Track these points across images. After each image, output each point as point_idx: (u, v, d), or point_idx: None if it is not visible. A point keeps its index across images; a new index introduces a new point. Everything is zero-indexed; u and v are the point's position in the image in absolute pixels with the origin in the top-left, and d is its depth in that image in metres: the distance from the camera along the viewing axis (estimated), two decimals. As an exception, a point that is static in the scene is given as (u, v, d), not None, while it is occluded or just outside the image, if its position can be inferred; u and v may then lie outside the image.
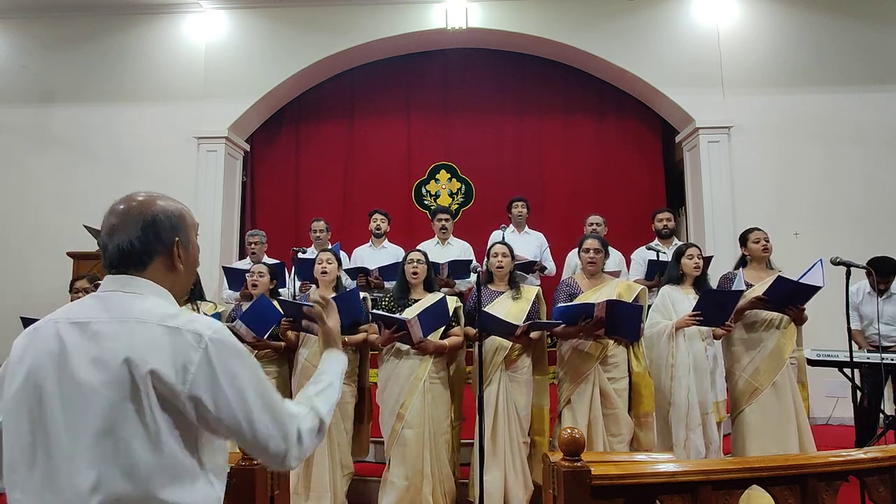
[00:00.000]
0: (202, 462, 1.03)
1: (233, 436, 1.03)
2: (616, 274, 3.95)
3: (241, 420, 1.01)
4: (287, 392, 3.20)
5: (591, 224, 4.69)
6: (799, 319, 3.26)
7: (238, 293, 4.27)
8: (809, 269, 3.19)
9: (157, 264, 1.09)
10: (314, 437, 1.12)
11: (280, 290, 3.95)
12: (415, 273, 3.16)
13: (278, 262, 4.50)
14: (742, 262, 3.53)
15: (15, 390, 1.00)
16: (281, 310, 3.24)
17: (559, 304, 3.16)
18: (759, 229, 3.46)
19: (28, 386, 0.99)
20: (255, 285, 3.44)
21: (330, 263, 3.34)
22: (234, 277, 4.26)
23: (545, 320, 3.19)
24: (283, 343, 3.29)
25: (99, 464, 0.94)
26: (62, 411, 0.97)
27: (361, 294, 3.33)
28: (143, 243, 1.06)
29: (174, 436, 0.98)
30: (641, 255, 4.53)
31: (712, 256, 4.43)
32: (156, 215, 1.08)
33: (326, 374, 1.26)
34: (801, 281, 3.13)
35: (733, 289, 3.19)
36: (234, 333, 3.08)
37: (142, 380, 0.95)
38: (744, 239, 3.51)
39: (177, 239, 1.10)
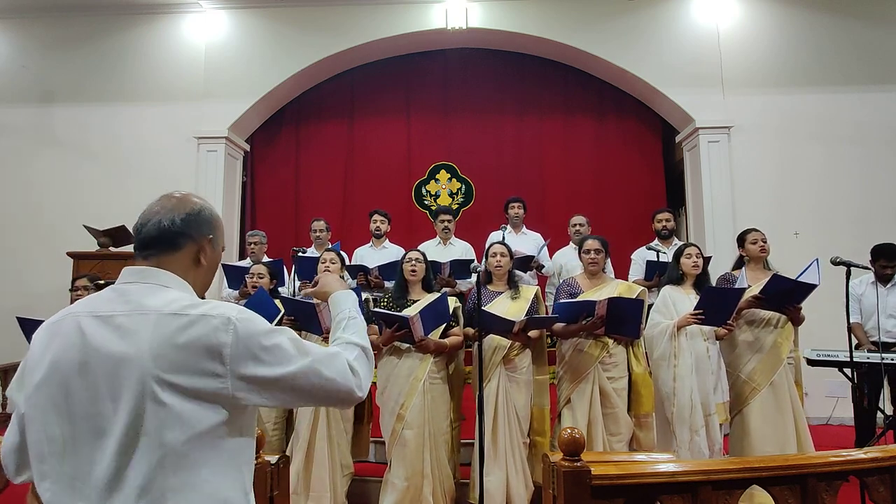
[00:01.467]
0: (230, 450, 1.04)
1: (293, 396, 1.06)
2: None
3: (293, 378, 1.04)
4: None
5: (575, 225, 4.71)
6: (796, 319, 3.26)
7: (237, 291, 4.27)
8: (806, 269, 3.19)
9: (188, 251, 1.12)
10: (364, 364, 1.16)
11: (279, 288, 3.95)
12: (413, 272, 3.16)
13: (276, 260, 4.50)
14: (740, 263, 3.53)
15: (38, 383, 1.01)
16: (282, 307, 3.24)
17: (560, 300, 3.16)
18: (756, 230, 3.46)
19: (52, 378, 1.00)
20: (254, 286, 3.44)
21: (333, 263, 3.34)
22: (234, 275, 4.26)
23: (543, 316, 3.19)
24: None
25: (126, 453, 0.95)
26: (89, 403, 0.97)
27: (363, 295, 3.32)
28: (184, 224, 1.11)
29: (201, 424, 0.99)
30: (641, 256, 4.53)
31: (711, 256, 4.43)
32: (202, 208, 1.15)
33: (341, 313, 1.29)
34: (797, 279, 3.13)
35: (736, 287, 3.18)
36: None
37: (167, 366, 0.96)
38: (741, 240, 3.51)
39: (210, 236, 1.15)
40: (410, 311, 2.94)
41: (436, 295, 3.10)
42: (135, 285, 1.06)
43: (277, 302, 3.35)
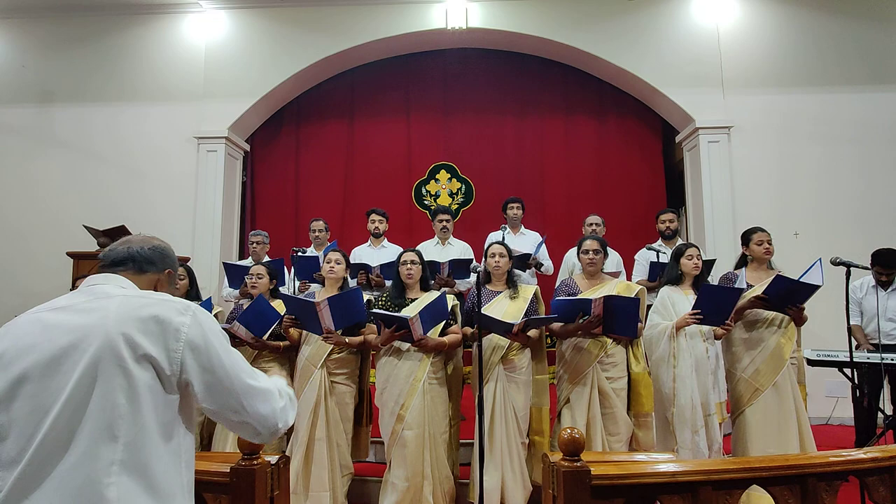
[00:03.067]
0: (177, 440, 1.11)
1: (221, 399, 1.14)
2: (615, 275, 3.95)
3: (236, 385, 1.15)
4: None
5: (591, 224, 4.70)
6: (799, 319, 3.24)
7: (238, 290, 4.27)
8: (809, 269, 3.18)
9: (149, 278, 1.29)
10: (289, 411, 1.26)
11: (279, 288, 3.94)
12: (409, 275, 3.16)
13: (276, 259, 4.50)
14: (742, 262, 3.50)
15: None
16: (284, 307, 3.24)
17: (557, 298, 3.16)
18: (762, 230, 3.39)
19: (6, 369, 1.05)
20: (254, 287, 3.44)
21: (339, 264, 3.34)
22: (235, 274, 4.25)
23: (541, 316, 3.19)
24: (281, 343, 3.28)
25: (69, 426, 1.00)
26: (36, 382, 1.03)
27: (365, 296, 3.32)
28: (150, 255, 1.30)
29: (154, 396, 1.07)
30: (645, 256, 4.53)
31: (714, 260, 4.42)
32: (166, 248, 1.36)
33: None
34: (799, 280, 3.13)
35: (735, 287, 3.18)
36: (231, 334, 3.09)
37: (130, 337, 1.05)
38: (746, 238, 3.45)
39: (169, 270, 1.35)
40: (410, 311, 2.94)
41: (435, 294, 3.10)
42: (100, 285, 1.19)
43: (277, 303, 3.35)
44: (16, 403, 1.03)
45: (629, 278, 4.60)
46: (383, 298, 3.22)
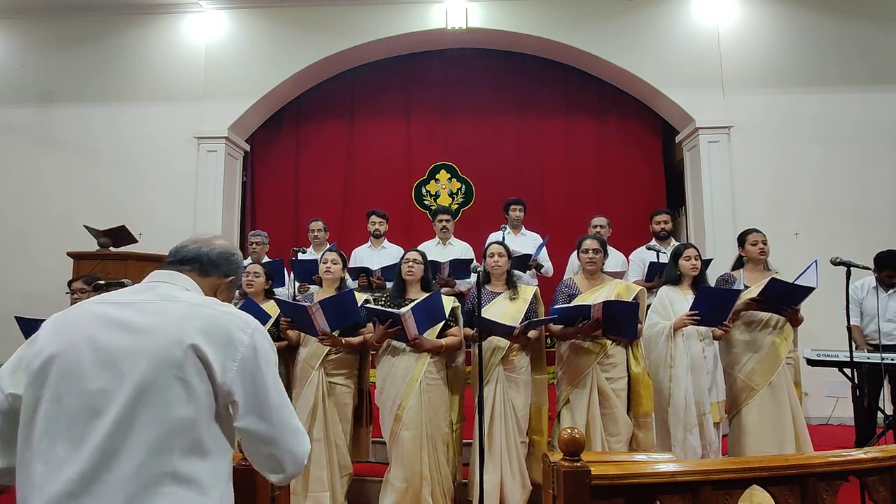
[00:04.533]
0: (224, 442, 1.09)
1: (258, 423, 1.10)
2: (618, 275, 3.95)
3: (273, 410, 1.11)
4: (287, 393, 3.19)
5: (595, 226, 4.68)
6: (794, 321, 3.25)
7: (245, 298, 4.26)
8: (805, 271, 3.18)
9: (211, 282, 1.27)
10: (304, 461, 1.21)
11: (277, 289, 3.94)
12: (410, 273, 3.15)
13: (276, 260, 4.49)
14: (739, 263, 3.52)
15: (44, 360, 1.04)
16: (278, 309, 3.24)
17: (556, 305, 3.16)
18: (757, 231, 3.42)
19: (62, 361, 1.03)
20: (249, 285, 3.42)
21: (335, 264, 3.34)
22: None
23: (541, 318, 3.19)
24: (277, 344, 3.26)
25: (123, 431, 0.98)
26: (100, 380, 1.00)
27: (364, 296, 3.31)
28: (216, 259, 1.28)
29: (207, 405, 1.05)
30: (640, 256, 4.53)
31: (712, 259, 4.42)
32: (234, 254, 1.33)
33: None
34: (794, 282, 3.13)
35: (733, 288, 3.18)
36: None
37: (191, 346, 1.03)
38: (742, 240, 3.48)
39: (232, 278, 1.32)
40: (403, 309, 2.94)
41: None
42: (163, 284, 1.17)
43: (268, 305, 3.33)
44: (66, 399, 1.00)
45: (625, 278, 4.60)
46: (384, 298, 3.22)
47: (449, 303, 3.12)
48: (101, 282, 3.27)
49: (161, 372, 1.00)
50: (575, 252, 4.68)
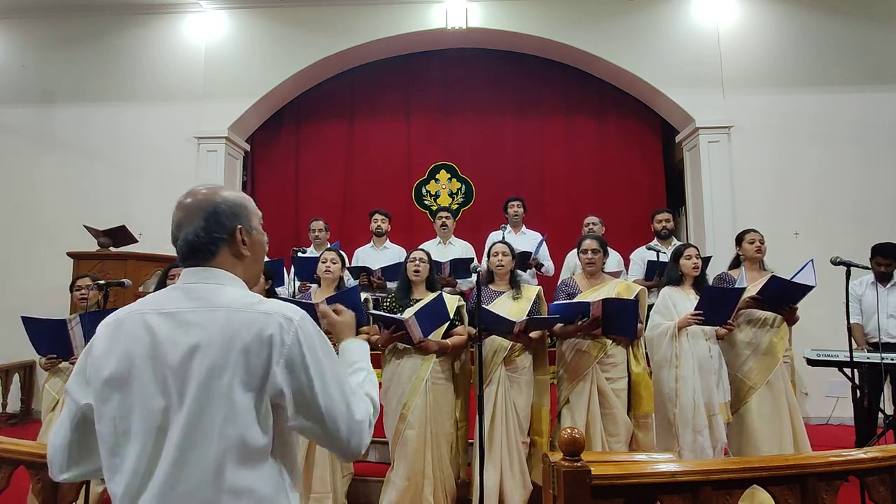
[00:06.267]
0: (275, 449, 1.05)
1: (311, 423, 1.05)
2: (616, 274, 3.95)
3: (323, 408, 1.04)
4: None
5: (588, 224, 4.71)
6: (791, 319, 3.28)
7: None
8: (801, 269, 3.19)
9: (224, 253, 1.12)
10: (373, 423, 1.15)
11: (277, 288, 3.94)
12: (416, 272, 3.15)
13: (276, 260, 4.49)
14: (736, 263, 3.55)
15: (107, 377, 1.03)
16: None
17: (556, 302, 3.16)
18: (754, 231, 3.49)
19: (122, 373, 1.02)
20: None
21: (334, 263, 3.34)
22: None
23: (543, 317, 3.18)
24: None
25: (188, 447, 0.97)
26: (156, 396, 0.99)
27: (363, 295, 3.31)
28: (207, 233, 1.10)
29: (253, 416, 1.00)
30: (640, 256, 4.53)
31: (710, 257, 4.43)
32: (217, 205, 1.11)
33: (360, 363, 1.28)
34: (793, 280, 3.14)
35: (737, 286, 3.19)
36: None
37: (234, 360, 0.99)
38: (739, 239, 3.55)
39: (239, 226, 1.13)
40: (407, 313, 2.93)
41: (434, 295, 3.10)
42: (197, 285, 1.09)
43: None
44: (134, 415, 1.00)
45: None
46: (389, 299, 3.21)
47: (453, 302, 3.12)
48: (102, 281, 3.26)
49: (209, 391, 0.98)
50: (571, 251, 4.74)
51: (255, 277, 1.20)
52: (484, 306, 2.94)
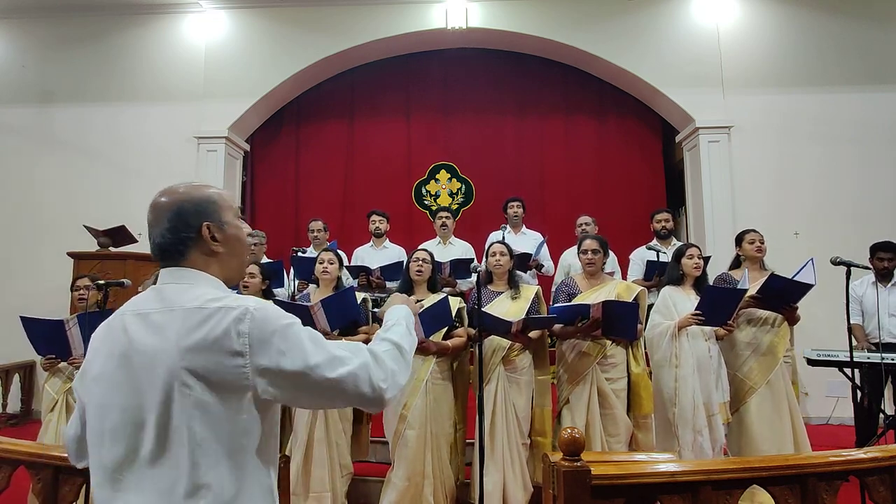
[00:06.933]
0: (257, 449, 1.04)
1: (309, 394, 1.04)
2: (610, 275, 3.95)
3: (310, 372, 1.01)
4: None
5: (581, 224, 4.72)
6: (792, 319, 3.28)
7: (234, 292, 4.26)
8: (801, 268, 3.19)
9: (195, 253, 1.11)
10: (394, 358, 1.10)
11: (276, 289, 3.93)
12: (419, 272, 3.15)
13: (275, 261, 4.49)
14: (736, 263, 3.55)
15: (93, 376, 1.07)
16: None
17: (556, 304, 3.16)
18: (754, 231, 3.51)
19: (104, 372, 1.05)
20: (245, 286, 3.43)
21: (332, 264, 3.34)
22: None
23: (541, 317, 3.18)
24: None
25: (161, 446, 0.99)
26: (131, 396, 1.01)
27: (362, 295, 3.31)
28: (172, 234, 1.09)
29: (228, 418, 1.00)
30: (640, 255, 4.53)
31: (710, 256, 4.43)
32: (181, 205, 1.10)
33: (390, 320, 1.25)
34: (793, 279, 3.14)
35: (738, 287, 3.18)
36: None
37: (191, 359, 0.99)
38: (739, 239, 3.56)
39: (206, 223, 1.10)
40: None
41: (439, 296, 3.09)
42: (169, 285, 1.09)
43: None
44: (113, 414, 1.02)
45: (624, 277, 4.60)
46: (389, 297, 3.21)
47: (455, 303, 3.12)
48: (101, 281, 3.27)
49: (174, 392, 0.98)
50: (565, 251, 4.74)
51: (236, 272, 1.19)
52: (483, 308, 2.94)
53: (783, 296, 3.17)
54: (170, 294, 1.07)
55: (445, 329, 3.08)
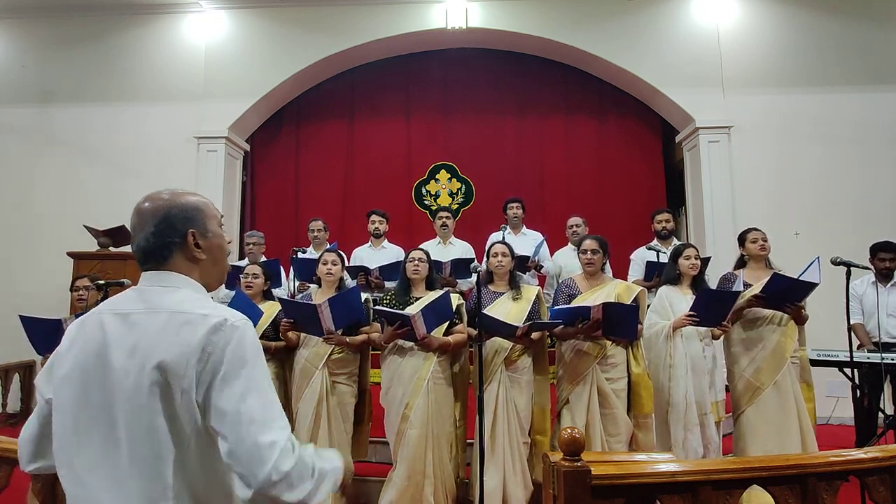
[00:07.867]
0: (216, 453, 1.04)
1: (219, 427, 1.00)
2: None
3: (232, 414, 0.98)
4: (284, 393, 3.20)
5: (572, 226, 4.72)
6: (799, 318, 3.25)
7: (234, 292, 4.25)
8: (807, 267, 3.19)
9: (178, 258, 1.13)
10: (311, 477, 1.04)
11: (275, 289, 3.93)
12: (416, 271, 3.16)
13: (272, 259, 4.48)
14: (741, 263, 3.54)
15: (63, 374, 1.06)
16: (274, 308, 3.22)
17: (556, 306, 3.16)
18: (757, 229, 3.48)
19: (75, 371, 1.05)
20: (248, 287, 3.42)
21: (335, 265, 3.33)
22: (231, 275, 4.24)
23: (545, 320, 3.19)
24: (272, 344, 3.23)
25: (132, 446, 0.99)
26: (103, 394, 1.02)
27: (364, 295, 3.32)
28: (157, 238, 1.11)
29: (195, 420, 1.01)
30: (641, 256, 4.53)
31: (710, 257, 4.43)
32: (168, 211, 1.13)
33: (329, 461, 1.14)
34: (797, 278, 3.14)
35: (733, 290, 3.19)
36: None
37: (167, 360, 1.00)
38: (742, 239, 3.53)
39: (192, 230, 1.13)
40: (412, 310, 2.94)
41: (438, 293, 3.10)
42: (151, 288, 1.11)
43: (266, 305, 3.33)
44: (84, 413, 1.02)
45: (625, 277, 4.59)
46: (388, 297, 3.22)
47: (454, 300, 3.13)
48: (101, 281, 3.27)
49: (146, 390, 0.99)
50: (557, 251, 4.75)
51: (216, 279, 1.21)
52: (485, 311, 2.94)
53: (787, 294, 3.16)
54: (153, 296, 1.09)
55: (445, 326, 3.09)
